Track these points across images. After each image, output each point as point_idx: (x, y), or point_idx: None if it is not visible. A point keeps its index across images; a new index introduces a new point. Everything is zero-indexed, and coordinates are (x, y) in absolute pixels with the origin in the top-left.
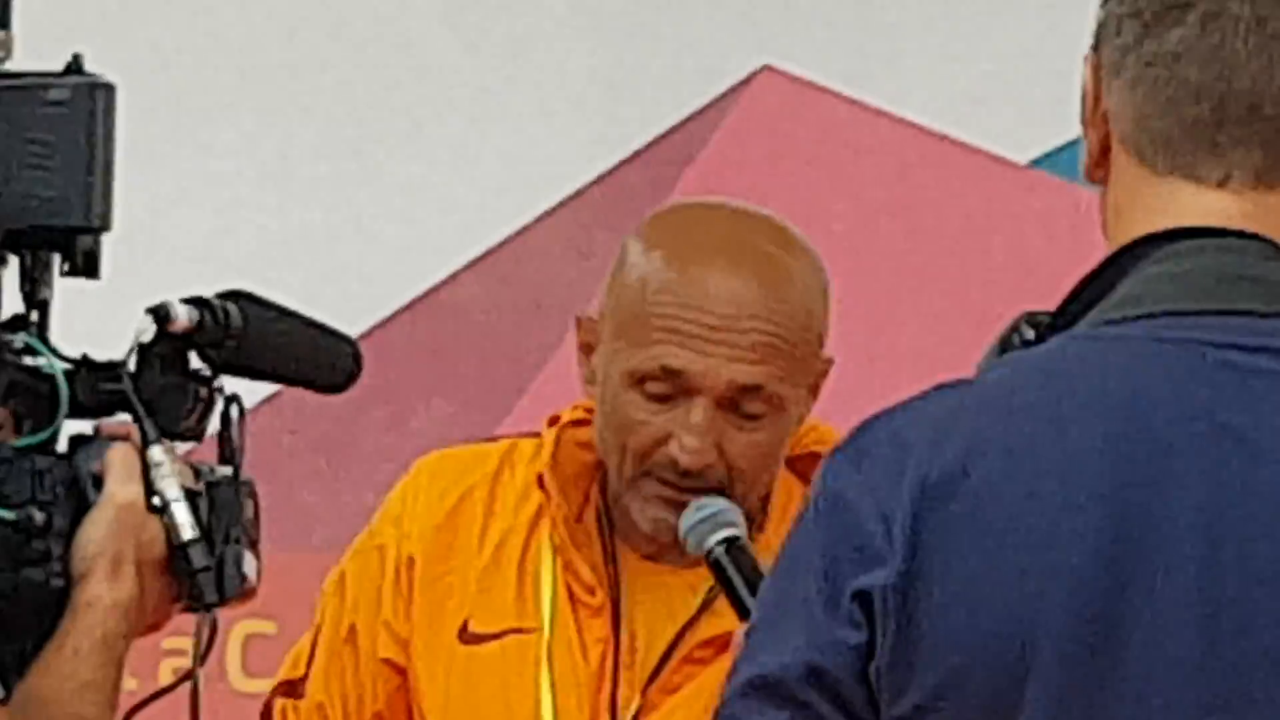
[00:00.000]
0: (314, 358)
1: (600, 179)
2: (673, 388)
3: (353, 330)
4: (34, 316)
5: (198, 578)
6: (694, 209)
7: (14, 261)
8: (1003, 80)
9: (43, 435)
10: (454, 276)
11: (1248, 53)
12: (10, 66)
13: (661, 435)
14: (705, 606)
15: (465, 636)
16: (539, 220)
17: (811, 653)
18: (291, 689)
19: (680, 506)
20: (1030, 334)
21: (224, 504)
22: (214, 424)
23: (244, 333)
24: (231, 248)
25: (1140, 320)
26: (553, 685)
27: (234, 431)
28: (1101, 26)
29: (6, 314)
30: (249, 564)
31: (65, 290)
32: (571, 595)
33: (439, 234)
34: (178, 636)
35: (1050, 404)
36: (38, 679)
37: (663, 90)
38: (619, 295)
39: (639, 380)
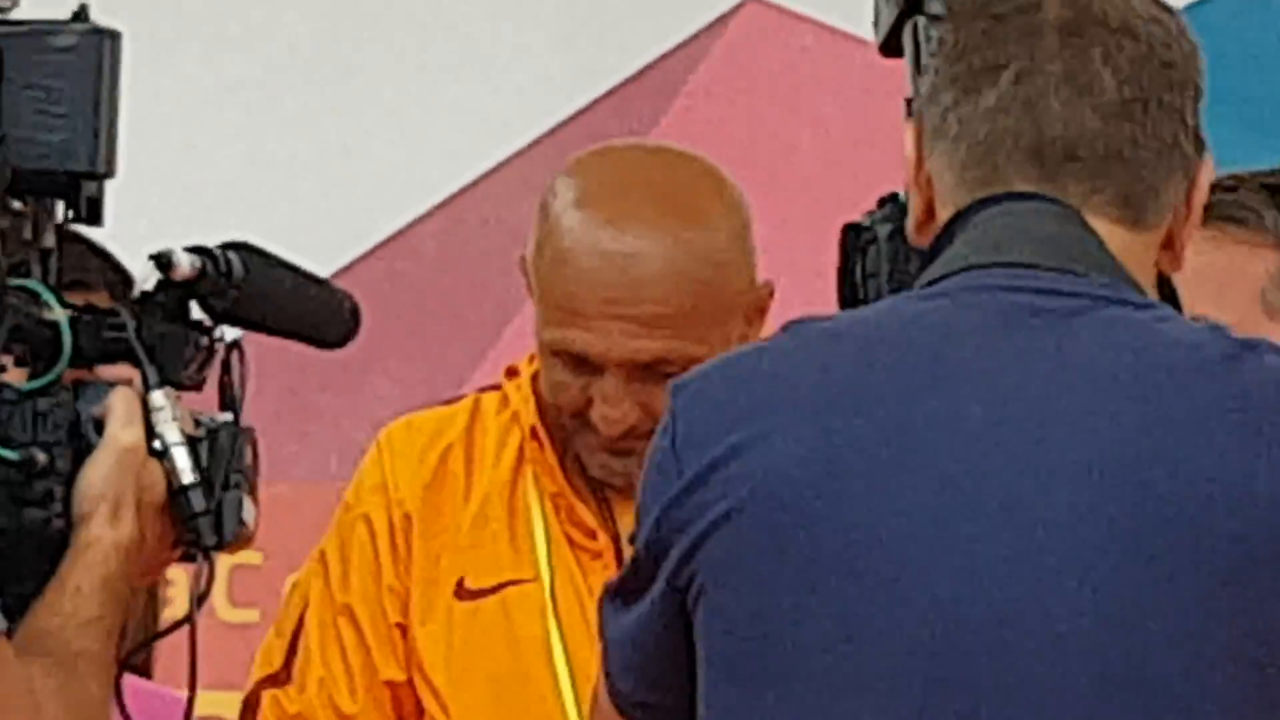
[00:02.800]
0: (313, 311)
1: (577, 115)
2: (582, 360)
3: (322, 271)
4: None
5: (196, 521)
6: (601, 158)
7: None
8: None
9: (45, 380)
10: (424, 218)
11: (1060, 103)
12: (16, 15)
13: (584, 398)
14: None
15: (462, 593)
16: (513, 159)
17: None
18: (274, 680)
19: (622, 453)
20: None
21: (224, 450)
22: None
23: (245, 283)
24: (202, 181)
25: (942, 280)
26: (561, 632)
27: (235, 378)
28: (920, 97)
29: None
30: (248, 509)
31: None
32: (570, 541)
33: (408, 175)
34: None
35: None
36: (41, 617)
37: (643, 23)
38: (534, 249)
39: (552, 352)
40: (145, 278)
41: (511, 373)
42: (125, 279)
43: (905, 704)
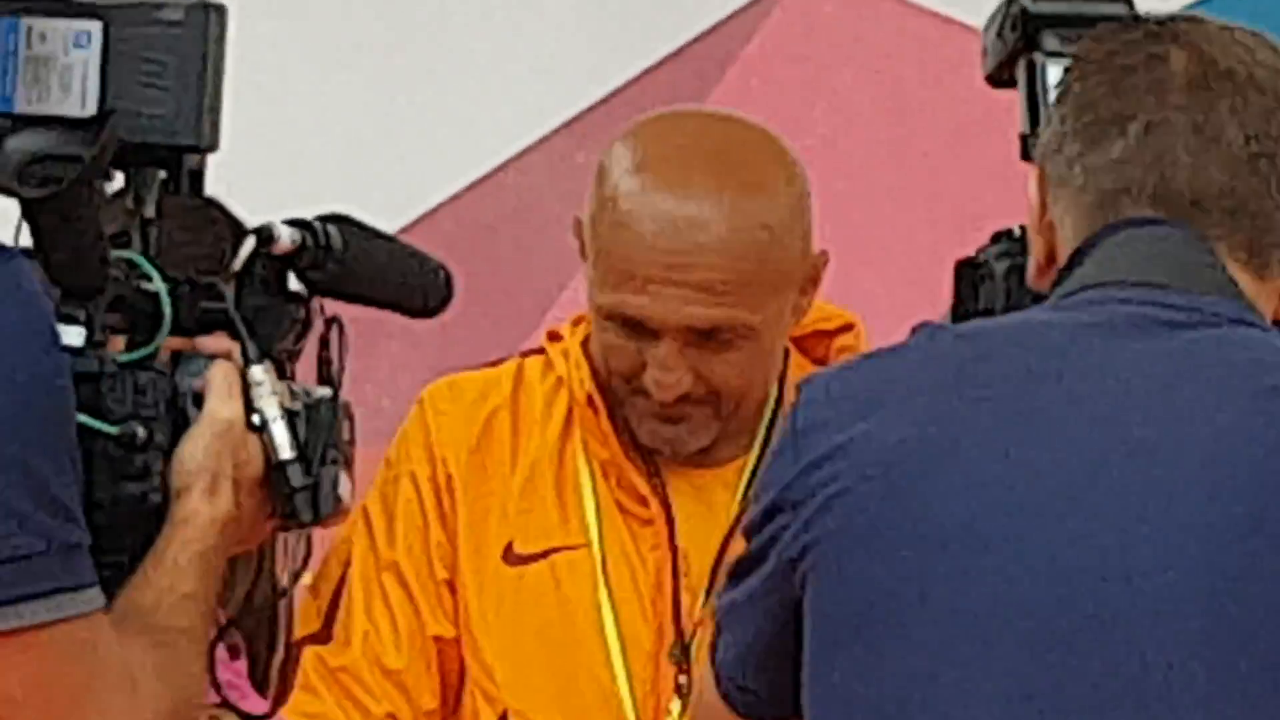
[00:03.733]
0: (408, 282)
1: (634, 81)
2: (638, 325)
3: None
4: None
5: (295, 497)
6: (663, 124)
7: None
8: None
9: (145, 351)
10: (479, 183)
11: (1188, 155)
12: None
13: (638, 363)
14: (748, 502)
15: (510, 558)
16: (569, 124)
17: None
18: (315, 639)
19: (672, 420)
20: None
21: (321, 424)
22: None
23: (343, 256)
24: (244, 150)
25: (1071, 296)
26: (611, 598)
27: (334, 352)
28: (1046, 144)
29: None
30: (344, 485)
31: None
32: (621, 508)
33: (463, 141)
34: None
35: (966, 364)
36: (138, 591)
37: None
38: (592, 212)
39: (608, 316)
40: (245, 250)
41: (554, 336)
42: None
43: (1020, 663)
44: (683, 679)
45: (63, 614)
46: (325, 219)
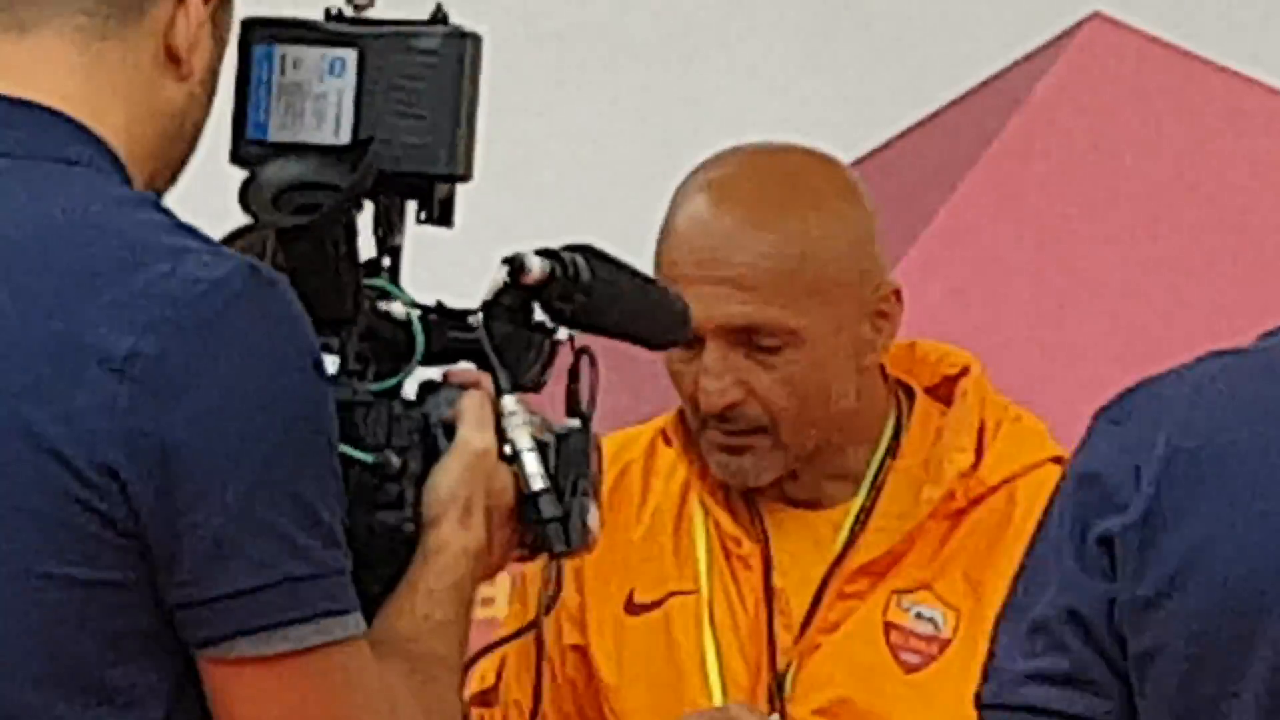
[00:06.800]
0: (650, 314)
1: (919, 125)
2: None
3: None
4: (386, 262)
5: (546, 528)
6: (733, 149)
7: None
8: None
9: (397, 380)
10: None
11: None
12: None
13: (694, 383)
14: (850, 542)
15: (631, 607)
16: (854, 165)
17: (1065, 597)
18: (483, 698)
19: (735, 451)
20: None
21: (572, 456)
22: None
23: (590, 287)
24: (524, 178)
25: None
26: (716, 641)
27: (583, 384)
28: None
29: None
30: (593, 516)
31: None
32: (726, 551)
33: None
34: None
35: None
36: (394, 619)
37: (987, 36)
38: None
39: None
40: (496, 280)
41: None
42: None
43: None
44: (775, 717)
45: (329, 638)
46: (572, 249)
